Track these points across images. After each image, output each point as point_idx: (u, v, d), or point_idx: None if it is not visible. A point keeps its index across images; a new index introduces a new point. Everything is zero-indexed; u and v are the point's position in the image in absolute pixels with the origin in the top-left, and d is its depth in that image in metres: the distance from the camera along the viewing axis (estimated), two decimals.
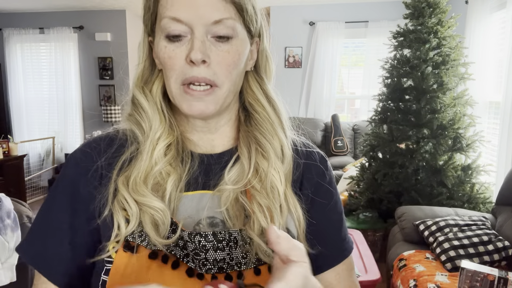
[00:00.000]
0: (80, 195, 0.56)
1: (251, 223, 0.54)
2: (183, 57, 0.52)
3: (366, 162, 3.32)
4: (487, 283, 1.56)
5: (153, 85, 0.59)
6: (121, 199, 0.53)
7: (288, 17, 4.98)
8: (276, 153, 0.58)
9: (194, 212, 0.56)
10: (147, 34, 0.58)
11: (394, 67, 3.11)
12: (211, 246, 0.52)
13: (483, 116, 3.24)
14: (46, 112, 5.47)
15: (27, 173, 4.93)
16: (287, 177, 0.58)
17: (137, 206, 0.53)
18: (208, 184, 0.58)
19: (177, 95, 0.54)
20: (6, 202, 2.06)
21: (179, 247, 0.53)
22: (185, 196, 0.57)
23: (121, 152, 0.57)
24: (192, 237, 0.52)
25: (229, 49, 0.53)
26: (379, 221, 3.11)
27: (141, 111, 0.58)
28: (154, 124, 0.57)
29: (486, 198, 2.81)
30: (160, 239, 0.51)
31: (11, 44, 5.33)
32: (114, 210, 0.53)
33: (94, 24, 5.23)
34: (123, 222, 0.52)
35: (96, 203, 0.55)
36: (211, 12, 0.51)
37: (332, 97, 4.95)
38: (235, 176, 0.57)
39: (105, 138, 0.60)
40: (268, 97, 0.61)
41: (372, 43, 4.77)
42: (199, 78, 0.52)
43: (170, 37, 0.52)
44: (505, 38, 3.00)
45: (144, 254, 0.52)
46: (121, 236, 0.52)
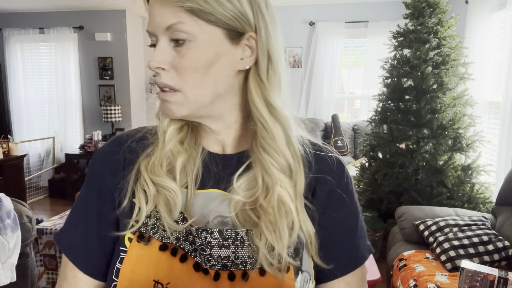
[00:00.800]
0: (106, 185, 0.59)
1: (259, 234, 0.54)
2: None
3: (366, 162, 3.32)
4: (487, 283, 1.56)
5: None
6: (142, 181, 0.56)
7: (288, 17, 4.98)
8: (281, 169, 0.56)
9: (206, 210, 0.57)
10: None
11: (394, 67, 3.11)
12: (216, 243, 0.53)
13: (483, 116, 3.24)
14: (46, 112, 5.47)
15: (27, 173, 4.93)
16: (299, 191, 0.56)
17: (154, 187, 0.56)
18: (219, 184, 0.58)
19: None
20: (6, 202, 2.06)
21: (188, 241, 0.55)
22: (198, 194, 0.58)
23: (145, 143, 0.61)
24: (199, 233, 0.54)
25: (184, 54, 0.53)
26: (379, 221, 3.11)
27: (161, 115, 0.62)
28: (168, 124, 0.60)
29: (486, 198, 2.81)
30: (171, 222, 0.54)
31: (11, 44, 5.33)
32: (136, 191, 0.56)
33: (94, 24, 5.23)
34: (144, 203, 0.55)
35: (118, 191, 0.58)
36: (162, 20, 0.52)
37: (332, 97, 4.95)
38: (245, 184, 0.56)
39: (129, 133, 0.63)
40: (270, 106, 0.56)
41: (372, 43, 4.77)
42: (160, 84, 0.55)
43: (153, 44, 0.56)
44: (505, 38, 3.00)
45: (155, 246, 0.55)
46: (141, 217, 0.55)
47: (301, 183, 0.56)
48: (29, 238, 2.16)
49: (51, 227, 2.32)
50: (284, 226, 0.54)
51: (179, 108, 0.55)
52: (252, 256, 0.54)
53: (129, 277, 0.54)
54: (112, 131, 5.24)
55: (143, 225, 0.56)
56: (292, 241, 0.55)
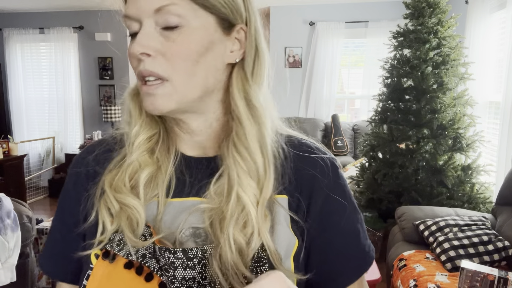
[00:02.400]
0: (72, 198, 0.57)
1: (217, 253, 0.48)
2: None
3: (366, 162, 3.32)
4: (487, 283, 1.56)
5: None
6: (105, 198, 0.52)
7: (288, 17, 4.98)
8: (248, 171, 0.51)
9: (178, 220, 0.52)
10: None
11: (394, 67, 3.11)
12: (180, 264, 0.48)
13: (483, 116, 3.24)
14: (46, 112, 5.47)
15: (27, 173, 4.93)
16: (264, 197, 0.51)
17: (118, 204, 0.52)
18: (194, 191, 0.53)
19: (141, 93, 0.52)
20: (6, 202, 2.06)
21: (154, 258, 0.49)
22: (170, 202, 0.53)
23: (112, 155, 0.57)
24: (162, 252, 0.48)
25: (175, 38, 0.48)
26: (379, 221, 3.11)
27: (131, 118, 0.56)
28: (134, 120, 0.56)
29: (486, 198, 2.81)
30: (135, 239, 0.49)
31: (11, 44, 5.33)
32: (99, 209, 0.52)
33: (94, 24, 5.23)
34: (108, 221, 0.51)
35: (82, 206, 0.55)
36: (150, 2, 0.47)
37: (332, 97, 4.95)
38: (220, 190, 0.51)
39: (99, 142, 0.60)
40: (250, 103, 0.52)
41: (372, 43, 4.77)
42: (144, 72, 0.49)
43: (131, 34, 0.51)
44: (505, 38, 3.00)
45: (120, 264, 0.50)
46: (107, 235, 0.51)
47: (268, 189, 0.51)
48: (29, 238, 2.16)
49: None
50: (252, 237, 0.48)
51: (167, 101, 0.49)
52: (223, 274, 0.47)
53: None
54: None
55: (109, 241, 0.51)
56: (250, 251, 0.48)
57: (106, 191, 0.52)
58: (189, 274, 0.48)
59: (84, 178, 0.57)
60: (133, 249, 0.49)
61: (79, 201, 0.55)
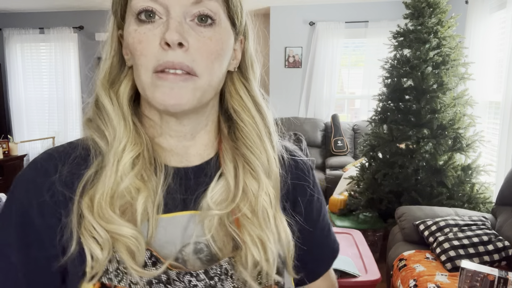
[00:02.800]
0: (34, 225, 0.46)
1: (242, 255, 0.47)
2: (156, 41, 0.45)
3: (366, 162, 3.32)
4: (487, 283, 1.56)
5: (120, 86, 0.51)
6: (87, 226, 0.45)
7: (288, 17, 4.98)
8: (265, 171, 0.51)
9: (174, 238, 0.48)
10: (116, 26, 0.51)
11: (394, 67, 3.11)
12: (203, 285, 0.46)
13: (483, 116, 3.24)
14: (46, 112, 5.47)
15: None
16: (276, 196, 0.52)
17: (108, 234, 0.45)
18: (187, 204, 0.50)
19: (149, 85, 0.46)
20: None
21: (162, 282, 0.45)
22: (162, 219, 0.48)
23: (83, 167, 0.48)
24: (181, 277, 0.45)
25: (211, 36, 0.46)
26: (379, 221, 3.11)
27: (104, 116, 0.49)
28: (118, 133, 0.48)
29: (486, 198, 2.81)
30: (140, 270, 0.44)
31: (11, 44, 5.33)
32: (83, 238, 0.44)
33: (94, 24, 5.23)
34: (99, 250, 0.44)
35: (58, 236, 0.46)
36: None
37: (332, 97, 4.95)
38: (218, 196, 0.49)
39: (64, 150, 0.50)
40: (257, 103, 0.54)
41: (372, 43, 4.77)
42: (174, 63, 0.44)
43: (142, 16, 0.45)
44: (505, 38, 3.01)
45: None
46: (99, 266, 0.44)
47: (279, 188, 0.53)
48: None
49: None
50: (269, 237, 0.49)
51: (192, 98, 0.46)
52: (237, 286, 0.47)
53: None
54: None
55: (103, 273, 0.45)
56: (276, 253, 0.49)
57: (88, 218, 0.45)
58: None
59: (52, 206, 0.46)
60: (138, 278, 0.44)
61: (54, 232, 0.46)
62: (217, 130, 0.55)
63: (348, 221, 3.17)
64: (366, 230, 3.04)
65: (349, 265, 1.95)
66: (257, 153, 0.51)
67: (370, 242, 3.05)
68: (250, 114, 0.52)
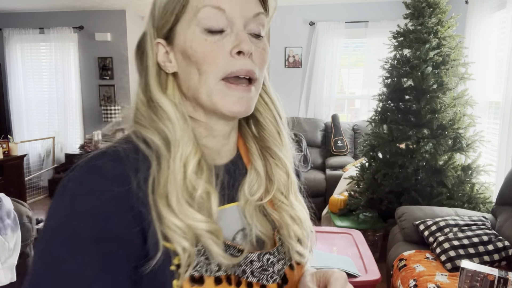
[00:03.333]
0: (116, 238, 0.44)
1: (286, 233, 0.57)
2: (226, 50, 0.49)
3: (366, 162, 3.32)
4: (487, 283, 1.56)
5: (167, 90, 0.54)
6: (170, 225, 0.46)
7: (288, 17, 4.99)
8: (288, 161, 0.59)
9: (227, 227, 0.54)
10: (155, 36, 0.54)
11: (394, 67, 3.11)
12: (276, 260, 0.55)
13: (483, 116, 3.24)
14: (46, 112, 5.47)
15: (27, 173, 4.93)
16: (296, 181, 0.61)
17: (191, 229, 0.48)
18: (230, 197, 0.56)
19: (217, 91, 0.50)
20: (6, 202, 2.06)
21: (240, 265, 0.52)
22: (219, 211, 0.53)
23: (145, 169, 0.48)
24: (262, 257, 0.54)
25: (264, 47, 0.53)
26: (379, 221, 3.11)
27: (162, 118, 0.51)
28: (183, 136, 0.50)
29: (486, 198, 2.81)
30: (228, 257, 0.49)
31: (11, 44, 5.33)
32: (170, 236, 0.46)
33: (94, 24, 5.23)
34: (187, 243, 0.47)
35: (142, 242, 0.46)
36: (251, 7, 0.50)
37: (332, 97, 4.95)
38: (253, 187, 0.57)
39: (126, 153, 0.49)
40: (275, 105, 0.60)
41: (372, 43, 4.77)
42: (246, 70, 0.50)
43: (212, 29, 0.49)
44: (505, 38, 3.00)
45: (209, 283, 0.48)
46: (191, 258, 0.47)
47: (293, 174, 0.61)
48: (29, 238, 2.16)
49: None
50: (304, 215, 0.60)
51: (252, 105, 0.53)
52: (283, 257, 0.57)
53: None
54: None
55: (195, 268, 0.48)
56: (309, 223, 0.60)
57: (169, 217, 0.46)
58: (280, 265, 0.56)
59: (131, 213, 0.46)
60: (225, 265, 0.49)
61: (138, 239, 0.46)
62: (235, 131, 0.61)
63: (348, 221, 3.17)
64: (366, 230, 3.04)
65: (349, 265, 1.95)
66: (279, 146, 0.59)
67: (370, 242, 3.05)
68: (272, 114, 0.59)
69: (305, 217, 0.60)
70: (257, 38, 0.52)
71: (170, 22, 0.52)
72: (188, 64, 0.51)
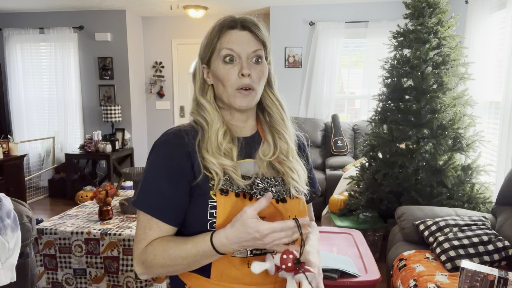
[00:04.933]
0: (175, 163, 0.85)
1: (288, 177, 0.91)
2: (235, 73, 0.86)
3: (366, 162, 3.32)
4: (487, 283, 1.56)
5: (207, 93, 0.93)
6: (208, 163, 0.85)
7: (288, 17, 4.99)
8: (289, 137, 0.95)
9: (245, 170, 0.90)
10: (200, 63, 0.92)
11: (394, 67, 3.11)
12: (273, 184, 0.90)
13: (483, 116, 3.24)
14: (46, 112, 5.47)
15: (27, 173, 4.93)
16: (294, 150, 0.97)
17: (220, 165, 0.85)
18: (249, 155, 0.92)
19: (232, 95, 0.87)
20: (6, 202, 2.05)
21: (250, 187, 0.87)
22: (239, 163, 0.89)
23: (196, 136, 0.89)
24: (263, 180, 0.89)
25: (260, 68, 0.89)
26: (379, 221, 3.11)
27: (203, 109, 0.91)
28: (214, 118, 0.89)
29: (486, 198, 2.81)
30: (243, 181, 0.85)
31: (11, 44, 5.33)
32: (211, 168, 0.84)
33: (94, 24, 5.23)
34: (221, 173, 0.84)
35: (191, 169, 0.85)
36: (251, 47, 0.88)
37: (332, 97, 4.95)
38: (265, 151, 0.92)
39: (182, 129, 0.90)
40: (279, 101, 0.97)
41: (372, 43, 4.77)
42: (247, 84, 0.87)
43: (227, 60, 0.86)
44: (505, 38, 3.00)
45: (232, 195, 0.84)
46: (220, 180, 0.84)
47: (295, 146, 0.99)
48: (29, 238, 2.15)
49: (51, 227, 2.31)
50: (300, 169, 0.94)
51: (252, 101, 0.89)
52: (284, 189, 0.91)
53: (223, 215, 0.82)
54: (112, 131, 5.24)
55: (223, 184, 0.84)
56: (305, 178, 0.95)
57: (209, 158, 0.85)
58: (277, 188, 0.90)
59: (187, 155, 0.86)
60: (241, 185, 0.85)
61: (190, 169, 0.85)
62: (256, 118, 0.99)
63: (348, 221, 3.17)
64: (366, 230, 3.04)
65: (349, 265, 1.95)
66: (283, 128, 0.95)
67: (370, 242, 3.05)
68: (277, 107, 0.96)
69: (300, 169, 0.93)
70: (257, 63, 0.88)
71: (207, 56, 0.90)
72: (217, 80, 0.89)
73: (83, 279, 2.26)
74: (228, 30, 0.88)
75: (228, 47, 0.86)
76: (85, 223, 2.37)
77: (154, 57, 5.70)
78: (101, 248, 2.22)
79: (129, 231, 2.23)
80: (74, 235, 2.25)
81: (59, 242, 2.27)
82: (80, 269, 2.26)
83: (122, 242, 2.20)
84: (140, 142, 5.66)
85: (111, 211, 2.45)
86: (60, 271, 2.29)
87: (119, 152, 5.10)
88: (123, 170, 2.76)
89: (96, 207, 2.70)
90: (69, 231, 2.26)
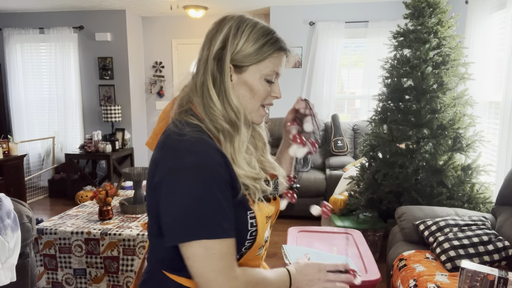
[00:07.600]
0: (226, 182, 0.81)
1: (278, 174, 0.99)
2: (268, 91, 0.87)
3: (366, 162, 3.32)
4: (487, 283, 1.56)
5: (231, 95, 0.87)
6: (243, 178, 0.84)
7: (288, 17, 4.99)
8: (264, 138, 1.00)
9: None
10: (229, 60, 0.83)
11: (394, 67, 3.11)
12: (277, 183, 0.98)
13: (483, 116, 3.24)
14: (46, 112, 5.47)
15: (27, 173, 4.93)
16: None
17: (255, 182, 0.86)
18: None
19: (255, 110, 0.88)
20: (6, 202, 2.05)
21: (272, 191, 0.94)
22: None
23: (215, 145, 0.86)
24: (275, 181, 0.96)
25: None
26: (379, 221, 3.11)
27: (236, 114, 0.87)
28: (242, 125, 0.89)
29: (486, 198, 2.81)
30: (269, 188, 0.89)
31: (11, 44, 5.33)
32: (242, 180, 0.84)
33: (94, 24, 5.23)
34: (253, 181, 0.86)
35: (234, 185, 0.82)
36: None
37: (332, 97, 4.95)
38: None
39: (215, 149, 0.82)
40: None
41: (372, 43, 4.77)
42: (271, 104, 0.92)
43: (268, 79, 0.86)
44: (505, 38, 3.00)
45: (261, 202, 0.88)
46: (256, 191, 0.85)
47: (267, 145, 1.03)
48: (29, 238, 2.15)
49: (51, 227, 2.31)
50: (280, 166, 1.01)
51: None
52: (275, 188, 0.98)
53: (261, 224, 0.85)
54: (112, 131, 5.24)
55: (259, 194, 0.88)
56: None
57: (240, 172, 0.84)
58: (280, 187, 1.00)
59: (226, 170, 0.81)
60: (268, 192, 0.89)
61: (235, 184, 0.82)
62: None
63: (348, 221, 3.17)
64: (366, 230, 3.04)
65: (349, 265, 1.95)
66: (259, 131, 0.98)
67: (370, 242, 3.05)
68: None
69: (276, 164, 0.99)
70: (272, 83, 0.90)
71: (246, 63, 0.84)
72: (248, 90, 0.86)
73: (83, 279, 2.26)
74: (280, 52, 0.87)
75: (278, 71, 0.87)
76: (85, 223, 2.37)
77: (154, 57, 5.70)
78: (101, 248, 2.22)
79: (129, 231, 2.23)
80: (74, 235, 2.25)
81: (59, 242, 2.27)
82: (80, 269, 2.26)
83: (122, 242, 2.20)
84: (140, 142, 5.66)
85: (111, 211, 2.45)
86: (60, 271, 2.29)
87: (119, 152, 5.09)
88: (123, 170, 2.77)
89: (96, 207, 2.70)
90: (69, 231, 2.26)
